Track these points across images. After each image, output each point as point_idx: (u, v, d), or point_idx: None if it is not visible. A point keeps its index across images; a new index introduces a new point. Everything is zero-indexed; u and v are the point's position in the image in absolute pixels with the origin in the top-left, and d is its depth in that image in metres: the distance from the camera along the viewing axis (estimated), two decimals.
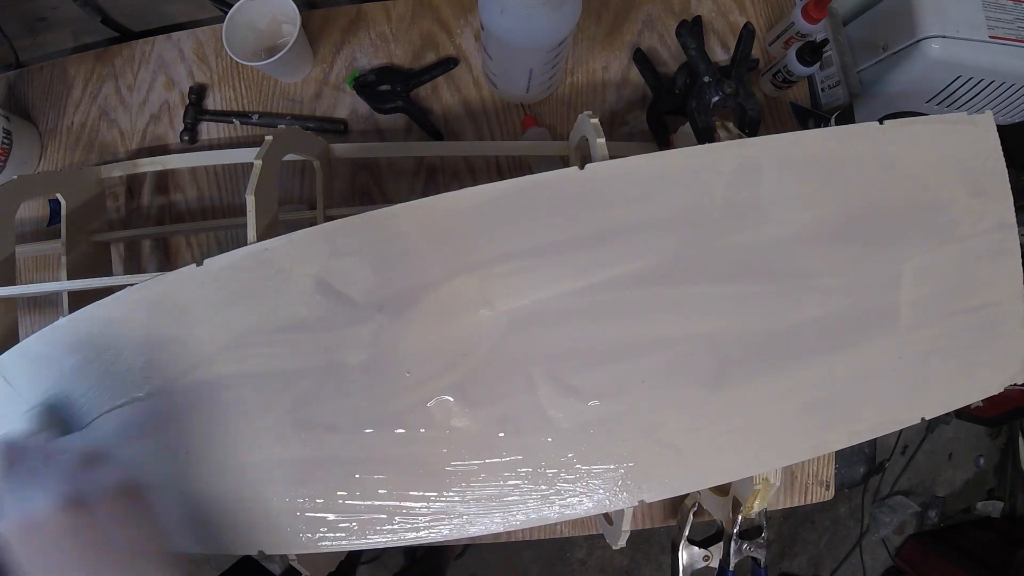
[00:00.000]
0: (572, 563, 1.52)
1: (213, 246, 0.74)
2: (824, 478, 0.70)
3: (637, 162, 0.43)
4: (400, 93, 0.71)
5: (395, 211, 0.42)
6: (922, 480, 1.56)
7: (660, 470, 0.43)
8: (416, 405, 0.42)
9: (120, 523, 0.35)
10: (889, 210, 0.46)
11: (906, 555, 1.53)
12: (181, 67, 0.76)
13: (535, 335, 0.42)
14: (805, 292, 0.44)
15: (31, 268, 0.75)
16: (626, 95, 0.73)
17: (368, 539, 0.42)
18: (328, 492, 0.42)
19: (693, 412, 0.43)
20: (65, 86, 0.77)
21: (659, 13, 0.74)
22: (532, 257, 0.42)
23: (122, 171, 0.69)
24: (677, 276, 0.43)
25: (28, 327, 0.72)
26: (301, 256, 0.43)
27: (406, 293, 0.42)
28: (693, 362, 0.43)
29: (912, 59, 0.64)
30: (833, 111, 0.72)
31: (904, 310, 0.45)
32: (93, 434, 0.44)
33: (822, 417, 0.44)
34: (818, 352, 0.44)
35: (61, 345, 0.45)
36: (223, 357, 0.43)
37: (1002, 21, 0.63)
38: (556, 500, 0.42)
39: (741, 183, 0.44)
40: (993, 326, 0.47)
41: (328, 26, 0.75)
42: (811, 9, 0.63)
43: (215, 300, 0.43)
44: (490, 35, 0.59)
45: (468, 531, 0.42)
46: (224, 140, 0.75)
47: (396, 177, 0.73)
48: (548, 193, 0.43)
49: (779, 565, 1.53)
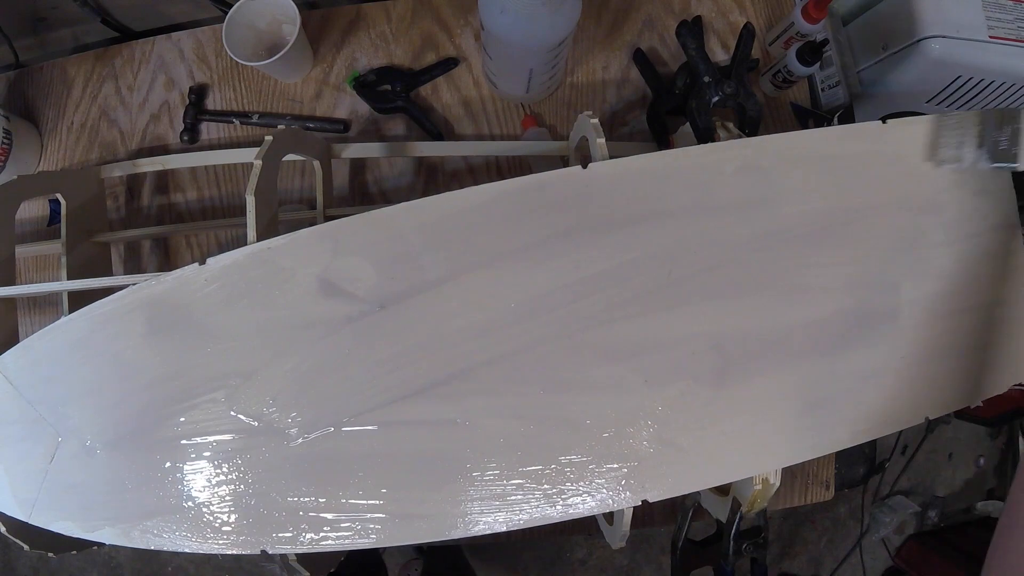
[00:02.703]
0: (572, 563, 1.52)
1: (213, 246, 0.74)
2: (824, 478, 0.70)
3: (639, 162, 0.43)
4: (400, 93, 0.71)
5: (396, 211, 0.42)
6: (922, 480, 1.56)
7: (663, 469, 0.43)
8: (417, 403, 0.42)
9: None
10: (891, 209, 0.46)
11: (906, 555, 1.53)
12: (181, 67, 0.76)
13: (538, 333, 0.42)
14: (807, 292, 0.44)
15: (31, 268, 0.75)
16: (626, 95, 0.73)
17: (369, 539, 0.42)
18: (330, 491, 0.42)
19: (696, 412, 0.43)
20: (65, 86, 0.77)
21: (659, 13, 0.74)
22: (533, 256, 0.42)
23: (122, 171, 0.69)
24: (679, 275, 0.43)
25: (28, 327, 0.72)
26: (305, 255, 0.43)
27: (409, 291, 0.42)
28: (696, 361, 0.43)
29: (912, 59, 0.64)
30: (833, 111, 0.72)
31: (905, 309, 0.45)
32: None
33: (823, 417, 0.44)
34: (819, 352, 0.44)
35: (62, 345, 0.45)
36: (224, 356, 0.43)
37: (1002, 21, 0.63)
38: (559, 499, 0.42)
39: (743, 183, 0.44)
40: (996, 326, 0.47)
41: (328, 26, 0.75)
42: (811, 9, 0.64)
43: (218, 299, 0.43)
44: (490, 35, 0.59)
45: (471, 530, 0.42)
46: (224, 140, 0.75)
47: (396, 177, 0.73)
48: (551, 192, 0.43)
49: (779, 565, 1.53)
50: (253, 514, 0.43)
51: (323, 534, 0.42)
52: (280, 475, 0.42)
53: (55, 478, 0.44)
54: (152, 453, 0.43)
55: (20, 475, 0.45)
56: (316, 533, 0.42)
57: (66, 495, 0.45)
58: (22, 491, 0.45)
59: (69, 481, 0.44)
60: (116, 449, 0.44)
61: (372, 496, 0.42)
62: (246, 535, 0.43)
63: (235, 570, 1.48)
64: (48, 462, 0.44)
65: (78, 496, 0.44)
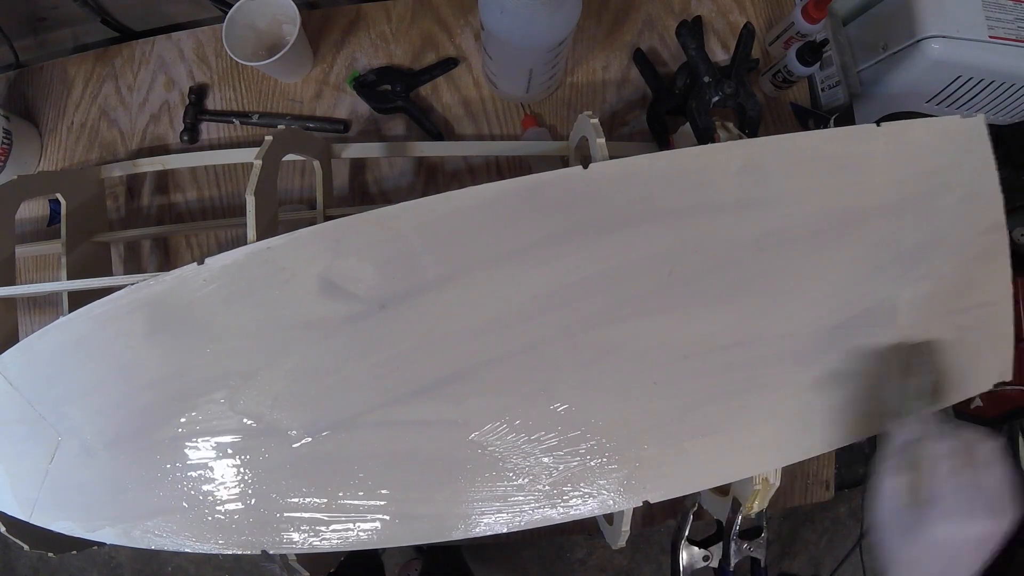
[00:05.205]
0: (572, 563, 1.51)
1: (213, 246, 0.74)
2: (824, 478, 0.70)
3: (640, 162, 0.43)
4: (400, 93, 0.71)
5: (396, 211, 0.42)
6: None
7: (664, 470, 0.43)
8: (417, 404, 0.42)
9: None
10: (887, 211, 0.46)
11: None
12: (181, 67, 0.76)
13: (539, 333, 0.42)
14: (806, 292, 0.44)
15: (31, 268, 0.75)
16: (626, 95, 0.73)
17: (370, 539, 0.42)
18: (330, 491, 0.42)
19: (696, 412, 0.43)
20: (65, 86, 0.77)
21: (659, 13, 0.74)
22: (533, 256, 0.42)
23: (122, 171, 0.69)
24: (680, 275, 0.43)
25: (28, 327, 0.72)
26: (305, 255, 0.43)
27: (409, 291, 0.42)
28: (696, 362, 0.43)
29: (912, 59, 0.64)
30: (833, 111, 0.73)
31: (902, 310, 0.46)
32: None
33: (822, 417, 0.45)
34: (819, 352, 0.44)
35: (61, 345, 0.45)
36: (224, 356, 0.43)
37: (1002, 21, 0.63)
38: (560, 500, 0.42)
39: (743, 183, 0.44)
40: (985, 325, 0.48)
41: (328, 26, 0.75)
42: (811, 9, 0.64)
43: (218, 299, 0.43)
44: (490, 35, 0.59)
45: (472, 531, 0.42)
46: (224, 140, 0.75)
47: (396, 177, 0.73)
48: (551, 192, 0.43)
49: (779, 565, 1.53)
50: (253, 514, 0.43)
51: (323, 534, 0.42)
52: (280, 475, 0.42)
53: (55, 478, 0.44)
54: (152, 453, 0.43)
55: (20, 475, 0.45)
56: (316, 533, 0.42)
57: (67, 495, 0.45)
58: (23, 491, 0.45)
59: (69, 481, 0.44)
60: (116, 449, 0.44)
61: (372, 496, 0.42)
62: (246, 535, 0.43)
63: (235, 570, 1.48)
64: (48, 462, 0.44)
65: (78, 496, 0.44)
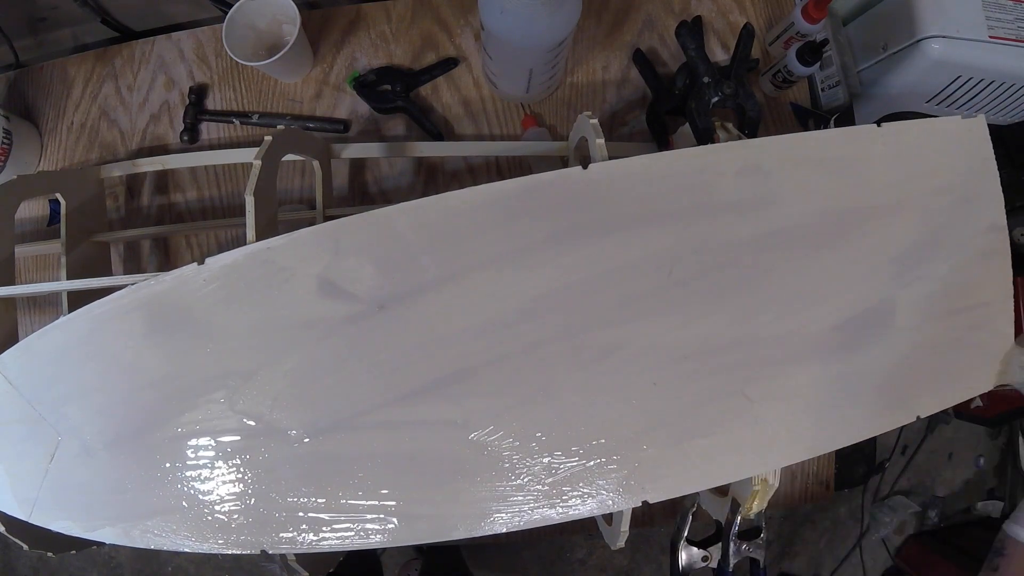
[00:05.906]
0: (572, 563, 1.51)
1: (213, 246, 0.74)
2: (824, 478, 0.70)
3: (639, 162, 0.43)
4: (400, 93, 0.71)
5: (396, 211, 0.42)
6: (922, 480, 1.56)
7: (663, 470, 0.43)
8: (417, 404, 0.42)
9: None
10: (888, 211, 0.46)
11: (906, 555, 1.53)
12: (181, 67, 0.76)
13: (539, 334, 0.42)
14: (806, 293, 0.44)
15: (31, 268, 0.75)
16: (626, 95, 0.73)
17: (370, 539, 0.42)
18: (330, 491, 0.42)
19: (696, 412, 0.43)
20: (65, 86, 0.77)
21: (659, 13, 0.74)
22: (533, 256, 0.42)
23: (122, 171, 0.69)
24: (680, 276, 0.43)
25: (28, 327, 0.72)
26: (304, 255, 0.43)
27: (409, 292, 0.42)
28: (696, 362, 0.43)
29: (912, 59, 0.64)
30: (833, 111, 0.72)
31: (901, 310, 0.46)
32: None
33: (821, 417, 0.45)
34: (818, 353, 0.44)
35: (61, 344, 0.45)
36: (224, 356, 0.43)
37: (1002, 21, 0.63)
38: (559, 500, 0.42)
39: (742, 184, 0.44)
40: (984, 325, 0.48)
41: (328, 26, 0.75)
42: (811, 9, 0.63)
43: (218, 299, 0.43)
44: (490, 35, 0.59)
45: (472, 531, 0.42)
46: (224, 140, 0.75)
47: (396, 177, 0.73)
48: (551, 192, 0.43)
49: (779, 565, 1.53)
50: (253, 514, 0.43)
51: (323, 534, 0.42)
52: (280, 475, 0.42)
53: (55, 478, 0.45)
54: (152, 453, 0.43)
55: (20, 475, 0.45)
56: (316, 533, 0.42)
57: (66, 495, 0.45)
58: (22, 491, 0.45)
59: (69, 481, 0.44)
60: (116, 449, 0.44)
61: (372, 496, 0.42)
62: (246, 535, 0.43)
63: (235, 570, 1.48)
64: (48, 462, 0.44)
65: (78, 496, 0.44)
